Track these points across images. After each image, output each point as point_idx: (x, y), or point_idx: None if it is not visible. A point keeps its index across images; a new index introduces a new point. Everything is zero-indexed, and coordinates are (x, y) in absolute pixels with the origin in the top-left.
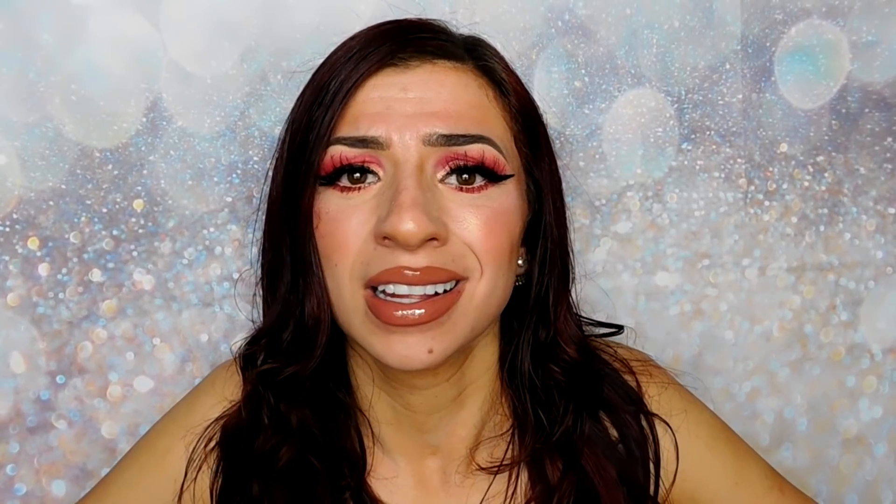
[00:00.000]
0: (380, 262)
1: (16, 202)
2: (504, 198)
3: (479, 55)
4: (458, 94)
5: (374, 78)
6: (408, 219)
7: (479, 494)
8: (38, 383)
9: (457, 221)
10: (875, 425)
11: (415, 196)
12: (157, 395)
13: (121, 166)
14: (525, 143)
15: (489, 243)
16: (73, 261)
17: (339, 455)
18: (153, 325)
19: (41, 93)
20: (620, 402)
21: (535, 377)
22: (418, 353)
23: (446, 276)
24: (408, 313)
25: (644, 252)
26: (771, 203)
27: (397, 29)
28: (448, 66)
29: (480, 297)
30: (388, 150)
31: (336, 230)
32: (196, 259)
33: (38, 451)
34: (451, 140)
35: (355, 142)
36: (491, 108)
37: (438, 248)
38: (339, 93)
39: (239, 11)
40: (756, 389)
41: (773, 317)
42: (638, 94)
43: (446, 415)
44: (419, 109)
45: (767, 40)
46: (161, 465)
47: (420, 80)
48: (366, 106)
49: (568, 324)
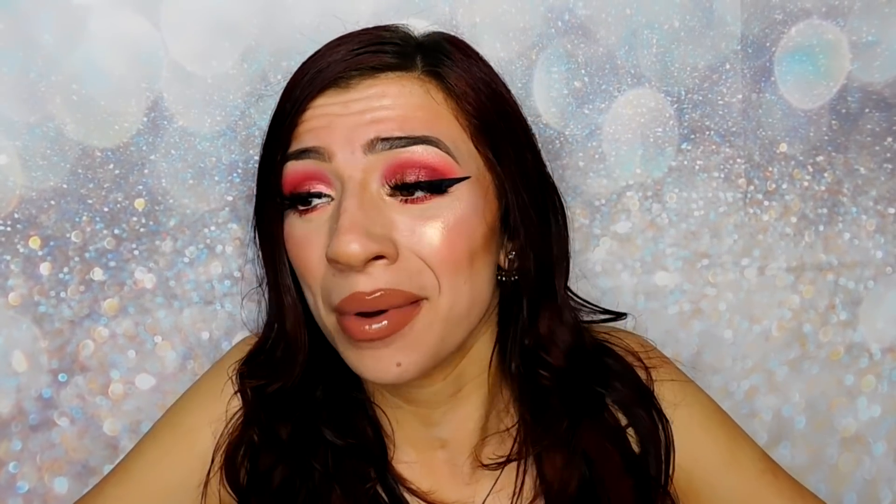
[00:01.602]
0: (338, 290)
1: (17, 202)
2: (456, 204)
3: (432, 60)
4: (401, 101)
5: (318, 99)
6: (346, 241)
7: (487, 488)
8: (40, 381)
9: (406, 235)
10: (874, 424)
11: (353, 217)
12: (159, 392)
13: (122, 165)
14: (486, 143)
15: (444, 254)
16: (74, 260)
17: (361, 448)
18: (154, 323)
19: (42, 93)
20: (632, 396)
21: (526, 379)
22: (388, 366)
23: (403, 299)
24: (369, 328)
25: (643, 252)
26: (770, 203)
27: (340, 44)
28: (391, 78)
29: (444, 310)
30: (331, 163)
31: (301, 254)
32: (197, 257)
33: (41, 449)
34: (393, 143)
35: (300, 153)
36: (440, 109)
37: (390, 265)
38: (289, 114)
39: (239, 11)
40: (755, 388)
41: (772, 316)
42: (638, 94)
43: (449, 410)
44: (359, 121)
45: (767, 40)
46: (185, 442)
47: (361, 95)
48: (311, 123)
49: (557, 330)
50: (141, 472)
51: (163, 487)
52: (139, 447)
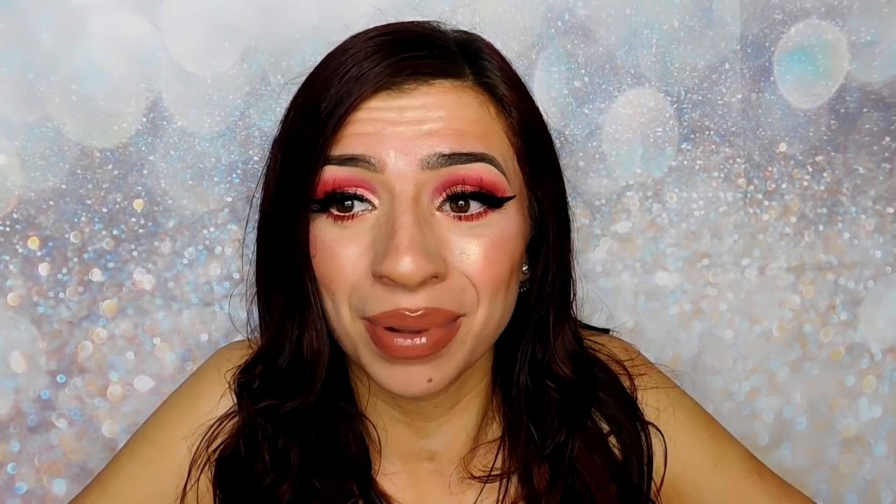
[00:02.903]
0: (378, 303)
1: (16, 202)
2: (504, 223)
3: (480, 69)
4: (457, 114)
5: (368, 101)
6: (406, 262)
7: (472, 497)
8: (38, 383)
9: (455, 254)
10: (874, 425)
11: (412, 235)
12: (158, 394)
13: (121, 166)
14: (528, 161)
15: (488, 274)
16: (73, 260)
17: (344, 463)
18: (153, 324)
19: (41, 93)
20: (616, 406)
21: (530, 391)
22: (419, 381)
23: (444, 319)
24: (409, 343)
25: (644, 252)
26: (770, 203)
27: (390, 43)
28: (446, 87)
29: (478, 327)
30: (382, 174)
31: (331, 261)
32: (196, 259)
33: (39, 450)
34: (451, 160)
35: (345, 160)
36: (493, 125)
37: (437, 284)
38: (331, 116)
39: (239, 11)
40: (755, 389)
41: (773, 316)
42: (637, 93)
43: (444, 422)
44: (416, 131)
45: (767, 40)
46: (163, 456)
47: (417, 103)
48: (358, 127)
49: (566, 341)
50: (119, 487)
51: (140, 501)
52: (116, 461)
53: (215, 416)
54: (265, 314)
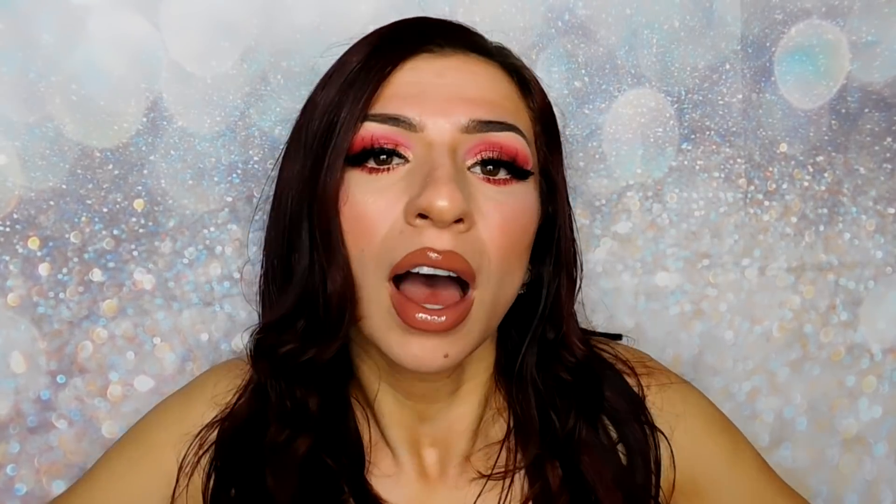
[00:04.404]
0: (405, 246)
1: (16, 202)
2: (525, 196)
3: (504, 55)
4: (491, 84)
5: (409, 61)
6: (444, 193)
7: (476, 491)
8: (38, 383)
9: (481, 212)
10: (875, 425)
11: (450, 172)
12: (158, 394)
13: (121, 166)
14: (545, 143)
15: (503, 241)
16: (73, 260)
17: (343, 451)
18: (153, 324)
19: (41, 93)
20: (623, 405)
21: (538, 380)
22: (435, 356)
23: (464, 267)
24: (430, 318)
25: (644, 252)
26: (771, 203)
27: (425, 21)
28: (480, 60)
29: (489, 302)
30: (421, 132)
31: (363, 213)
32: (196, 259)
33: (39, 451)
34: (488, 126)
35: (386, 118)
36: (520, 104)
37: (463, 233)
38: (372, 72)
39: (239, 11)
40: (756, 389)
41: (773, 317)
42: (638, 94)
43: (444, 407)
44: (455, 94)
45: (767, 40)
46: (150, 457)
47: (455, 66)
48: (400, 88)
49: (574, 322)
50: (105, 483)
51: (126, 499)
52: (105, 458)
53: (203, 423)
54: (277, 286)
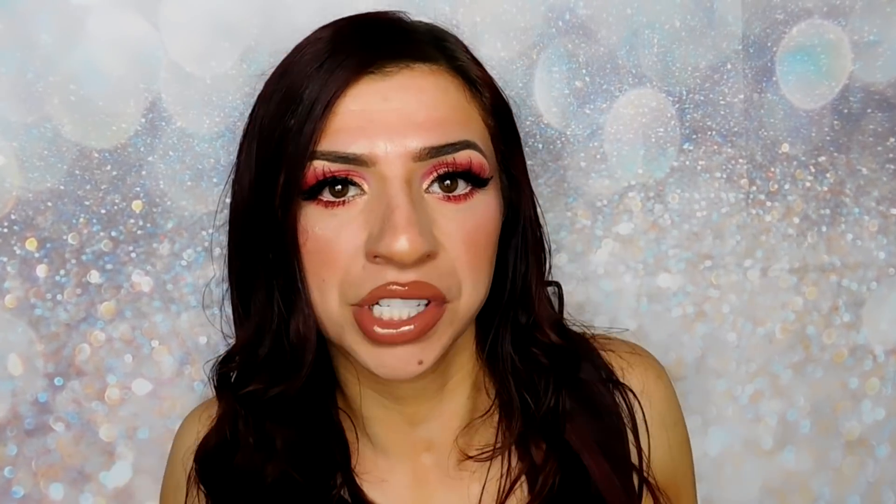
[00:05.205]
0: (370, 283)
1: (14, 203)
2: (487, 203)
3: (450, 53)
4: (439, 99)
5: (353, 88)
6: (404, 241)
7: (479, 482)
8: (35, 385)
9: (444, 234)
10: (878, 427)
11: (409, 214)
12: (156, 397)
13: (119, 167)
14: (501, 139)
15: (472, 258)
16: (71, 262)
17: (326, 461)
18: (151, 327)
19: (40, 93)
20: (594, 372)
21: (515, 360)
22: (408, 364)
23: (433, 292)
24: (395, 332)
25: (646, 253)
26: (773, 204)
27: (366, 30)
28: (425, 70)
29: (462, 310)
30: (374, 167)
31: (324, 248)
32: (195, 261)
33: (36, 454)
34: (441, 151)
35: (337, 158)
36: (470, 108)
37: (428, 262)
38: (316, 103)
39: (239, 11)
40: (759, 392)
41: (776, 318)
42: (639, 94)
43: (435, 405)
44: (403, 120)
45: (769, 40)
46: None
47: (399, 85)
48: (346, 119)
49: (545, 305)
50: None
51: None
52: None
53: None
54: (240, 311)
